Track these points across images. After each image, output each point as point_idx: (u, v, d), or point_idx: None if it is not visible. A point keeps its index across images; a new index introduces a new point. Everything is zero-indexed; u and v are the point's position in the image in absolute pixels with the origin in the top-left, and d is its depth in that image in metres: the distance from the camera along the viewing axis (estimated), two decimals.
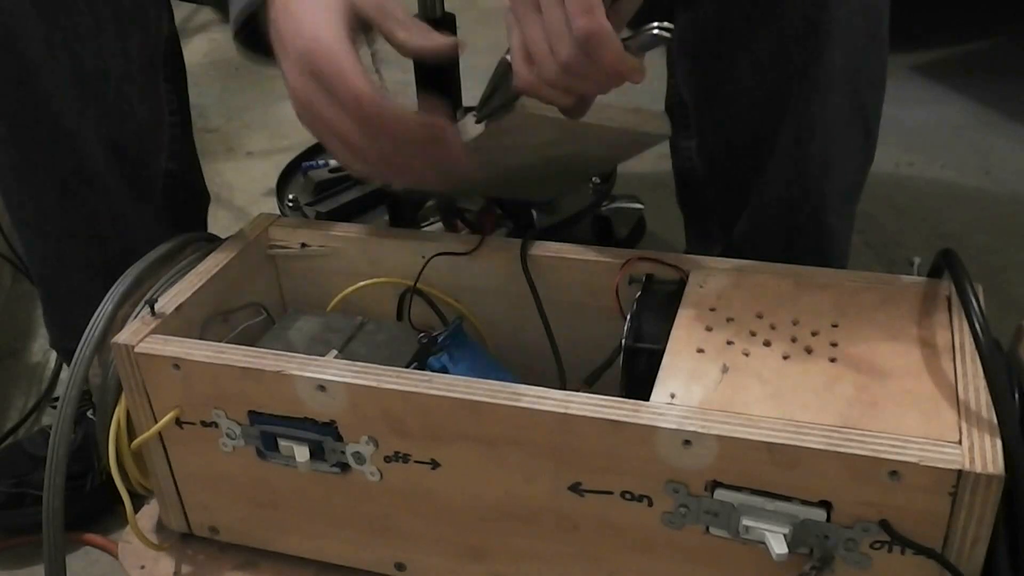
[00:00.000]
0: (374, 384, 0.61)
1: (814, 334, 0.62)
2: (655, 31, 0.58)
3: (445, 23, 1.13)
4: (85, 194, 0.88)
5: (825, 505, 0.54)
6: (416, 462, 0.63)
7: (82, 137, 0.85)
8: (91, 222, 0.90)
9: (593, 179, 1.18)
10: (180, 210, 1.00)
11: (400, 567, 0.68)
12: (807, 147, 0.83)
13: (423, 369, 0.68)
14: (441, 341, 0.71)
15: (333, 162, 1.21)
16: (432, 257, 0.76)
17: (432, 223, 1.09)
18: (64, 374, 1.10)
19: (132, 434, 0.69)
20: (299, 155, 1.26)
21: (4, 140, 0.85)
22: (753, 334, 0.62)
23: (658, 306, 0.67)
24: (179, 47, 0.96)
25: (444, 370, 0.69)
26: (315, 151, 1.28)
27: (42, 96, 0.82)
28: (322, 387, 0.62)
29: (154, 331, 0.67)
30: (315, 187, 1.17)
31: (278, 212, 1.07)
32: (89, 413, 0.87)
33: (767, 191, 0.87)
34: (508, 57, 0.63)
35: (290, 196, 1.16)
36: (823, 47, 0.77)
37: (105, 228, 0.91)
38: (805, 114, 0.81)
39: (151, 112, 0.91)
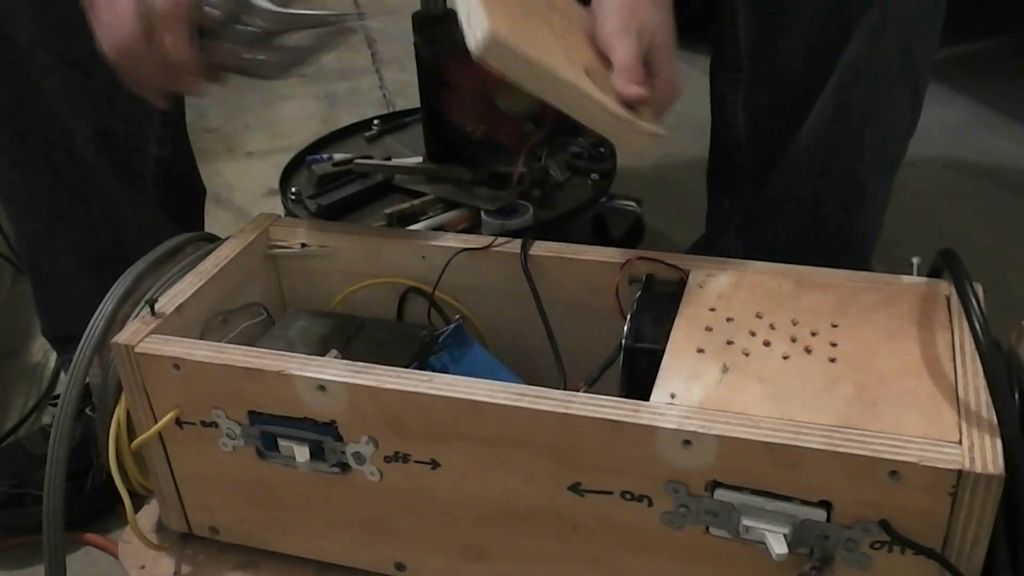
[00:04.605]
0: (374, 384, 0.61)
1: (814, 334, 0.62)
2: None
3: (448, 20, 1.13)
4: (74, 178, 0.89)
5: (825, 505, 0.54)
6: (416, 462, 0.63)
7: (70, 121, 0.86)
8: (81, 206, 0.90)
9: (592, 175, 1.19)
10: (174, 200, 1.00)
11: (400, 567, 0.68)
12: (850, 90, 0.83)
13: (424, 369, 0.68)
14: (441, 341, 0.71)
15: (337, 156, 1.22)
16: (455, 255, 0.75)
17: (430, 217, 1.09)
18: (64, 374, 1.10)
19: (132, 434, 0.69)
20: (303, 149, 1.27)
21: None
22: (753, 334, 0.62)
23: (658, 306, 0.67)
24: None
25: (445, 370, 0.69)
26: (319, 145, 1.29)
27: (31, 79, 0.83)
28: (322, 387, 0.62)
29: (154, 331, 0.67)
30: (318, 180, 1.18)
31: (278, 212, 1.07)
32: (88, 410, 0.87)
33: (805, 135, 0.87)
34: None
35: (293, 189, 1.17)
36: None
37: (95, 213, 0.91)
38: (853, 58, 0.81)
39: (138, 98, 0.91)
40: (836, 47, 0.82)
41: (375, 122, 1.34)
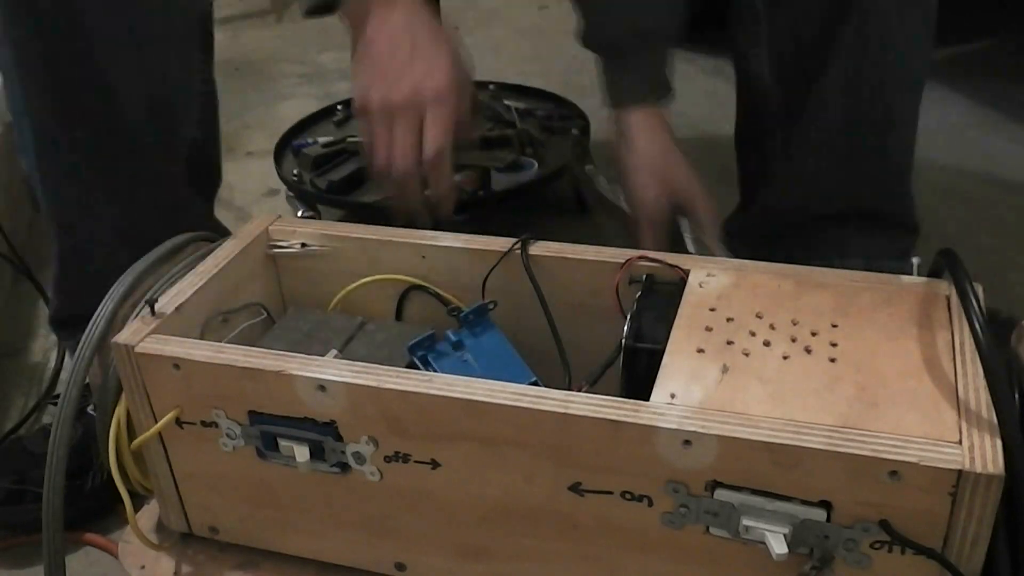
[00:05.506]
0: (374, 384, 0.61)
1: (814, 334, 0.62)
2: None
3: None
4: (119, 148, 0.92)
5: (825, 505, 0.54)
6: (416, 462, 0.63)
7: (123, 92, 0.89)
8: (120, 175, 0.93)
9: (572, 130, 1.21)
10: (200, 183, 1.03)
11: (400, 567, 0.68)
12: (868, 22, 0.89)
13: (440, 340, 0.69)
14: (463, 316, 0.71)
15: (323, 139, 1.24)
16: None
17: None
18: (64, 373, 1.10)
19: (132, 434, 0.69)
20: (282, 137, 1.29)
21: (47, 88, 0.88)
22: (753, 334, 0.62)
23: (658, 306, 0.67)
24: (212, 25, 1.00)
25: (461, 344, 0.70)
26: (291, 134, 1.32)
27: (89, 51, 0.86)
28: (322, 387, 0.62)
29: (154, 331, 0.67)
30: (313, 162, 1.19)
31: (278, 212, 1.07)
32: (89, 408, 0.87)
33: (831, 74, 0.92)
34: None
35: (295, 171, 1.18)
36: None
37: (134, 183, 0.94)
38: None
39: (185, 77, 0.96)
40: None
41: (338, 107, 1.41)
